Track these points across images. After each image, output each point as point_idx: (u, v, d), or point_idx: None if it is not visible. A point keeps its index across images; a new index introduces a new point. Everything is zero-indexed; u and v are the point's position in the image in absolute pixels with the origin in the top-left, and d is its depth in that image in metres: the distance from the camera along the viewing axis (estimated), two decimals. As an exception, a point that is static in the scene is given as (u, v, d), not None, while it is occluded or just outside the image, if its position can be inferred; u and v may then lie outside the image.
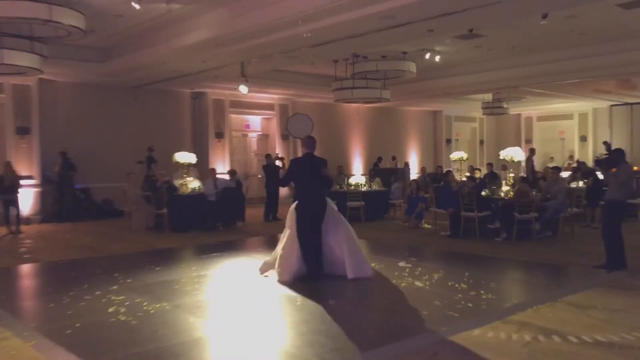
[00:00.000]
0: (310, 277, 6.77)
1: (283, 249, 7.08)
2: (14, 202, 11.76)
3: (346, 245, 6.95)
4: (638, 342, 4.57)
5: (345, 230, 7.07)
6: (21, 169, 12.89)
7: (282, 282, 6.76)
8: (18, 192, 11.84)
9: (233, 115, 17.75)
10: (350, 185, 13.51)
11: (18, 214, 11.88)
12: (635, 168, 14.89)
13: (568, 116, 23.35)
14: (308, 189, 6.94)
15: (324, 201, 6.96)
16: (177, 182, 12.29)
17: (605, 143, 19.04)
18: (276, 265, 7.07)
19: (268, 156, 14.40)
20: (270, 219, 13.41)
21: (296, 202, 7.04)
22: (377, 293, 6.50)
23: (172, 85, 15.59)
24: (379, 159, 19.40)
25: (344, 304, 5.91)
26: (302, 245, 6.85)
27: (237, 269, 7.83)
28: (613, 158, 7.65)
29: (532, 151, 17.99)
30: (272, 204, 13.59)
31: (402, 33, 9.67)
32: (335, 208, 7.26)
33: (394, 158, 20.26)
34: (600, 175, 10.99)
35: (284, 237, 7.24)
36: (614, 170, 7.38)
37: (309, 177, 6.91)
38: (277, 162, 14.40)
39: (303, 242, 6.84)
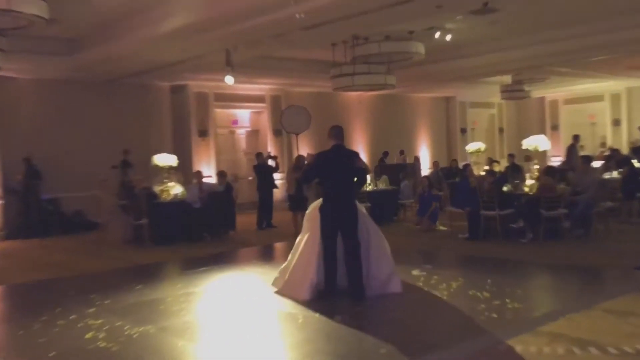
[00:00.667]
0: (328, 293, 6.62)
1: (297, 258, 6.90)
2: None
3: (375, 257, 6.83)
4: (685, 351, 4.59)
5: (376, 239, 6.92)
6: (-20, 179, 12.94)
7: (301, 300, 6.55)
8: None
9: (218, 110, 17.75)
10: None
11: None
12: (676, 154, 14.90)
13: (598, 98, 23.36)
14: (337, 187, 6.76)
15: (353, 202, 6.80)
16: (157, 189, 12.29)
17: (641, 128, 19.05)
18: (289, 280, 6.91)
19: (259, 155, 14.39)
20: (264, 227, 13.44)
21: (320, 202, 6.88)
22: (389, 306, 6.50)
23: (149, 79, 15.60)
24: (385, 154, 19.42)
25: (352, 319, 5.91)
26: (326, 252, 6.66)
27: (229, 284, 7.86)
28: (651, 144, 7.66)
29: (576, 138, 17.75)
30: (265, 210, 13.61)
31: (408, 10, 9.66)
32: (365, 212, 7.12)
33: (402, 152, 20.27)
34: (636, 164, 11.03)
35: (299, 245, 7.05)
36: (652, 158, 7.40)
37: (339, 172, 6.77)
38: (270, 162, 14.43)
39: (327, 249, 6.65)
